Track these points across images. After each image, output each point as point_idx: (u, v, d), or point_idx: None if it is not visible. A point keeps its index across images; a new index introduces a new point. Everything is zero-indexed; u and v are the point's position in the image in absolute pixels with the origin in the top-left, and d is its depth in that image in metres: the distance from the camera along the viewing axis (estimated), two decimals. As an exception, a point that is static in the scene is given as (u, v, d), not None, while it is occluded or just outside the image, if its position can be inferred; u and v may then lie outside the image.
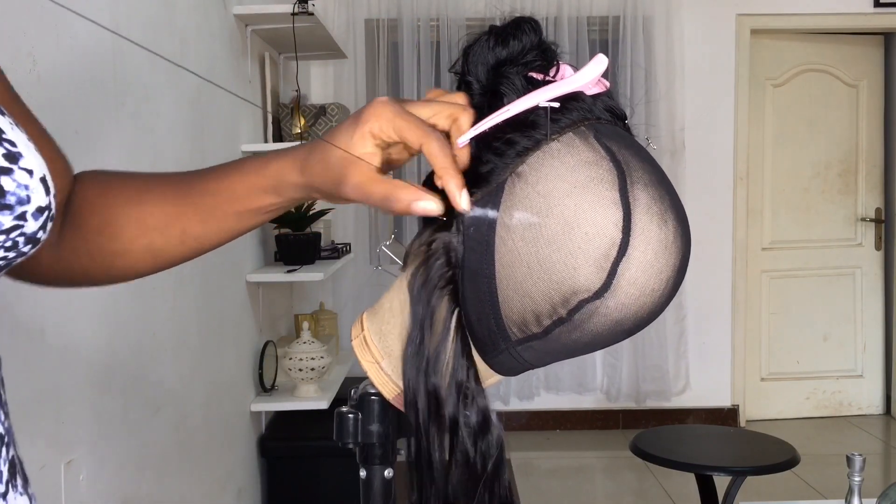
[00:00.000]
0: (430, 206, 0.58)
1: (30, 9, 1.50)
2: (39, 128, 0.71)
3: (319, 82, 4.54)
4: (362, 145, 0.60)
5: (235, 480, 2.81)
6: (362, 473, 0.64)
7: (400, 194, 0.58)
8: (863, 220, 4.94)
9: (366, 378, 0.64)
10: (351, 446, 0.64)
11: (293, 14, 2.89)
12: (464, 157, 0.60)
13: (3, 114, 0.56)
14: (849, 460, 1.51)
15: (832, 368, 4.95)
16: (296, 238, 3.12)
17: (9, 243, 0.55)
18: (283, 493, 3.11)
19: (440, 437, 0.60)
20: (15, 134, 0.56)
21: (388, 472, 0.64)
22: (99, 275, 0.73)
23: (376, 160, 0.60)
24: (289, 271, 3.03)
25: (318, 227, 3.33)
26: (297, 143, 0.74)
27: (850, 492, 1.52)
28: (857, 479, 1.51)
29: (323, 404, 2.98)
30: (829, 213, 4.92)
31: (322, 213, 3.27)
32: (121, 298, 1.89)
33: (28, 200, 0.55)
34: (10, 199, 0.54)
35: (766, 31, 4.72)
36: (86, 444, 1.69)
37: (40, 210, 0.56)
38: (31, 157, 0.56)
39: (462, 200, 0.57)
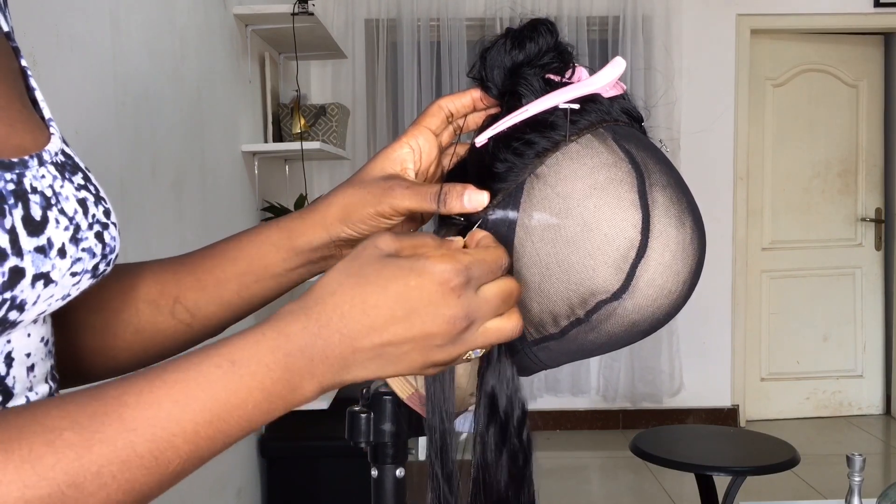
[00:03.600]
0: (481, 198, 0.58)
1: (30, 9, 1.50)
2: None
3: (319, 82, 4.54)
4: (403, 160, 0.64)
5: (235, 480, 2.80)
6: (374, 473, 0.64)
7: (451, 186, 0.60)
8: (863, 220, 4.95)
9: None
10: (363, 446, 0.63)
11: (293, 14, 2.89)
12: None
13: (89, 171, 0.58)
14: (849, 460, 1.50)
15: (832, 368, 4.95)
16: (296, 238, 3.11)
17: (94, 278, 0.56)
18: (282, 493, 3.11)
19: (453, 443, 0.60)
20: (101, 188, 0.58)
21: (399, 472, 0.64)
22: (79, 361, 0.68)
23: (410, 174, 0.63)
24: (289, 271, 3.02)
25: (318, 227, 3.32)
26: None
27: (850, 492, 1.52)
28: (857, 479, 1.51)
29: (323, 405, 2.97)
30: (829, 213, 4.92)
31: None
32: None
33: (116, 249, 0.57)
34: (107, 251, 0.56)
35: (766, 31, 4.72)
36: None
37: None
38: (111, 207, 0.58)
39: (470, 199, 0.58)
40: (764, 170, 4.84)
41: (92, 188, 0.57)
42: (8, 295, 0.49)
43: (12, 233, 0.48)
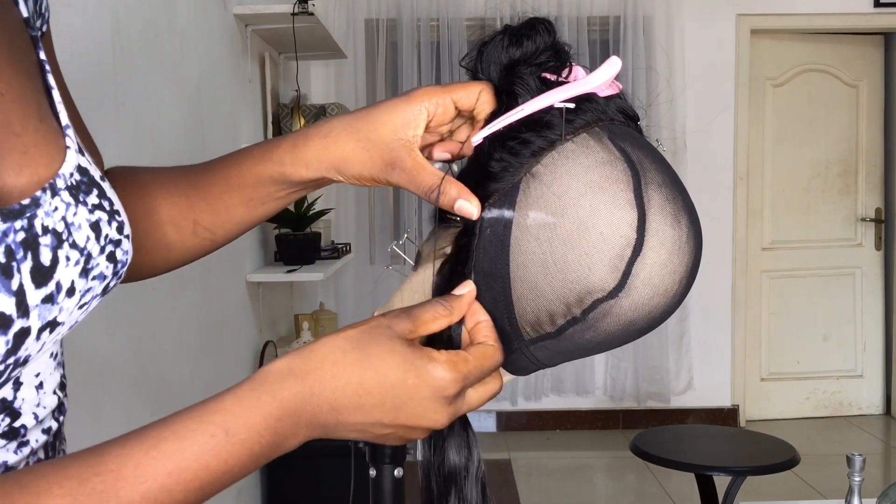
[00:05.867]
0: (472, 209, 0.58)
1: None
2: (82, 123, 0.71)
3: (319, 82, 4.54)
4: (416, 125, 0.60)
5: (236, 481, 2.80)
6: (372, 473, 0.64)
7: (448, 188, 0.59)
8: (863, 220, 4.95)
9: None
10: (361, 446, 0.63)
11: (293, 14, 2.89)
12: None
13: (104, 180, 0.58)
14: (849, 460, 1.50)
15: (832, 368, 4.95)
16: (296, 238, 3.12)
17: (103, 295, 0.58)
18: (282, 493, 3.11)
19: (451, 441, 0.61)
20: (114, 197, 0.58)
21: (398, 472, 0.64)
22: None
23: (419, 140, 0.61)
24: (289, 271, 3.03)
25: (318, 226, 3.32)
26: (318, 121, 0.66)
27: (850, 492, 1.52)
28: (857, 479, 1.51)
29: (323, 404, 2.97)
30: (829, 213, 4.92)
31: (322, 213, 3.27)
32: (121, 298, 1.88)
33: (128, 262, 0.59)
34: (119, 267, 0.57)
35: (766, 31, 4.72)
36: (85, 443, 1.69)
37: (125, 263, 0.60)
38: (125, 218, 0.59)
39: (461, 206, 0.58)
40: (764, 170, 4.84)
41: (106, 204, 0.57)
42: (11, 360, 0.49)
43: (19, 293, 0.48)
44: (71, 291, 0.52)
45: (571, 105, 0.58)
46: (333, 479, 3.03)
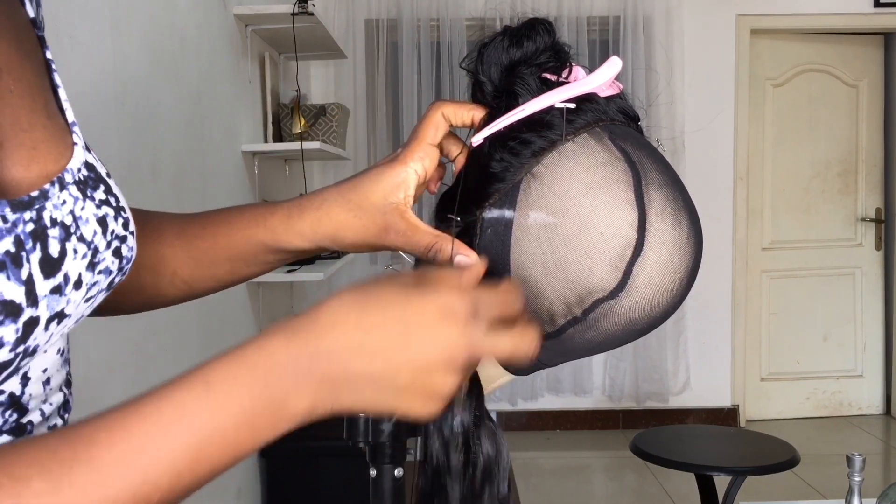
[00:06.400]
0: (469, 262, 0.58)
1: None
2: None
3: (319, 82, 4.54)
4: (406, 186, 0.61)
5: (235, 480, 2.80)
6: (372, 472, 0.64)
7: (445, 246, 0.60)
8: (863, 220, 4.95)
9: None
10: (361, 445, 0.63)
11: (293, 14, 2.89)
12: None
13: (109, 176, 0.58)
14: (849, 460, 1.51)
15: (832, 368, 4.95)
16: (296, 238, 3.11)
17: (108, 290, 0.58)
18: (282, 493, 3.11)
19: (446, 439, 0.60)
20: (120, 194, 0.58)
21: (398, 472, 0.64)
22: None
23: (411, 201, 0.62)
24: (289, 271, 3.03)
25: (318, 227, 3.32)
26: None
27: (850, 492, 1.52)
28: (857, 479, 1.51)
29: (323, 404, 2.97)
30: (829, 213, 4.92)
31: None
32: (122, 298, 1.88)
33: (132, 259, 0.59)
34: (124, 263, 0.57)
35: (766, 31, 4.72)
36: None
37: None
38: (130, 215, 0.59)
39: (458, 262, 0.59)
40: (764, 170, 4.84)
41: (113, 200, 0.57)
42: (21, 349, 0.49)
43: (28, 282, 0.48)
44: (78, 284, 0.53)
45: (572, 105, 0.58)
46: (333, 479, 3.03)
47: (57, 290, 0.51)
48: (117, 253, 0.57)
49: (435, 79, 4.54)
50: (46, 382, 0.57)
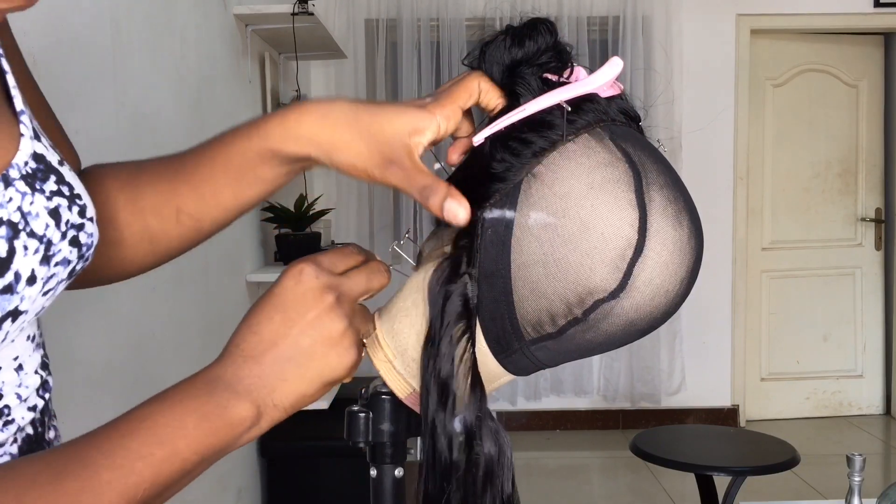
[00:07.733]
0: (460, 212, 0.57)
1: (29, 9, 1.50)
2: (49, 112, 0.70)
3: (319, 82, 4.54)
4: (425, 134, 0.59)
5: (235, 480, 2.80)
6: (372, 473, 0.64)
7: (440, 188, 0.58)
8: (863, 220, 4.95)
9: (374, 377, 0.64)
10: (361, 445, 0.63)
11: (293, 14, 2.89)
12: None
13: (62, 164, 0.58)
14: (849, 460, 1.51)
15: (832, 368, 4.95)
16: (296, 238, 3.12)
17: (70, 279, 0.59)
18: (282, 493, 3.11)
19: (448, 438, 0.60)
20: (74, 181, 0.58)
21: (398, 472, 0.64)
22: (99, 271, 0.70)
23: (421, 150, 0.60)
24: (289, 271, 3.02)
25: (318, 227, 3.32)
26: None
27: (850, 492, 1.52)
28: (857, 479, 1.51)
29: (323, 405, 2.97)
30: (829, 213, 4.92)
31: (322, 213, 3.27)
32: (121, 298, 1.88)
33: (94, 244, 0.60)
34: (84, 250, 0.58)
35: (766, 31, 4.72)
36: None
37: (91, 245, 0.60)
38: (88, 201, 0.59)
39: (448, 208, 0.57)
40: (764, 170, 4.85)
41: (65, 189, 0.56)
42: None
43: None
44: (32, 280, 0.52)
45: (573, 105, 0.58)
46: (334, 480, 3.03)
47: (7, 290, 0.50)
48: (74, 242, 0.56)
49: (435, 79, 4.54)
50: (19, 368, 0.57)
